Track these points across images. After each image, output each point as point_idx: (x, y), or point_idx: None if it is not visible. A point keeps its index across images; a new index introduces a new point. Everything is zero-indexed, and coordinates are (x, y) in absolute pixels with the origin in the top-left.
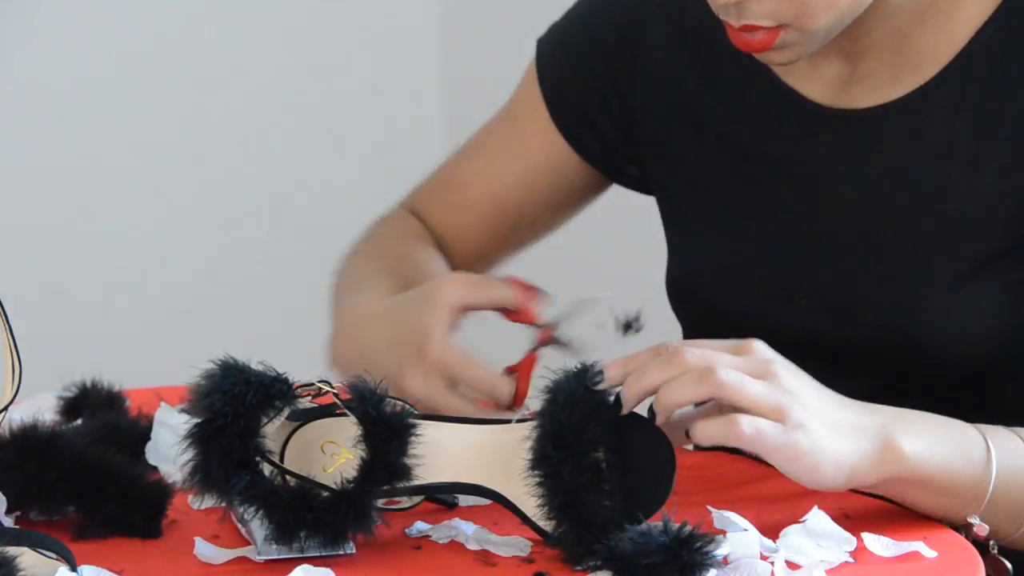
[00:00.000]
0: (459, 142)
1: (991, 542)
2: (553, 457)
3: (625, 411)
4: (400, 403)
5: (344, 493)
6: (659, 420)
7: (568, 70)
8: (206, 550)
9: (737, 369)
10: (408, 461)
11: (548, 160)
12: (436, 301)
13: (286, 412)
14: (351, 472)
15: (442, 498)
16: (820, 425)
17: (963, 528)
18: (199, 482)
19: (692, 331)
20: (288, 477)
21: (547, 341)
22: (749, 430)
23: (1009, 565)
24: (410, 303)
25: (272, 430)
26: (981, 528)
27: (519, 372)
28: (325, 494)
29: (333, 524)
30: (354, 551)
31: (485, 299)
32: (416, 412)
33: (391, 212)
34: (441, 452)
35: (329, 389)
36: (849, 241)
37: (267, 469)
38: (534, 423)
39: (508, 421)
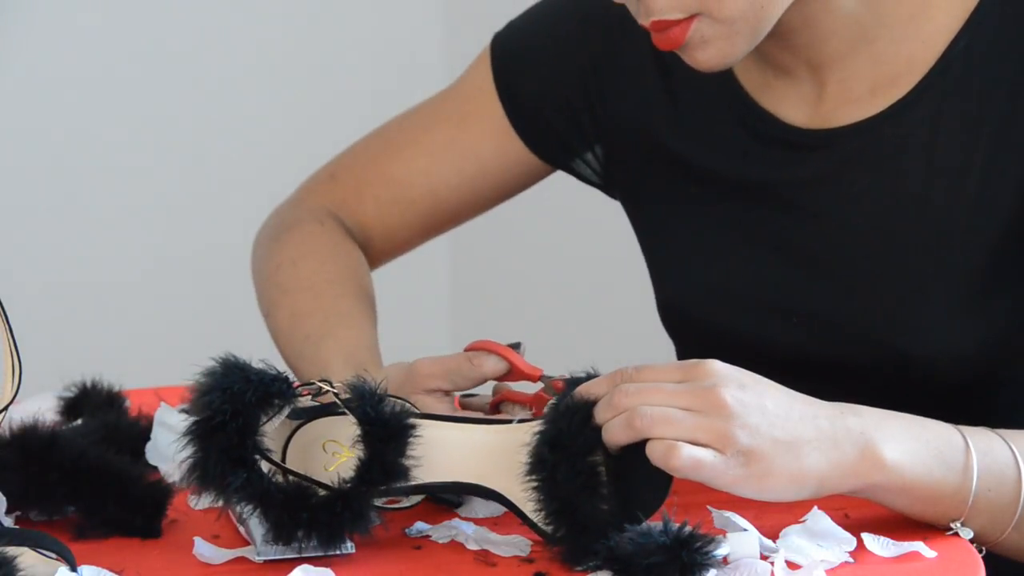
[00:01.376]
0: None
1: (975, 546)
2: (549, 460)
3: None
4: (401, 402)
5: (341, 492)
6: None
7: (533, 76)
8: (206, 550)
9: (676, 398)
10: (406, 462)
11: (501, 162)
12: (416, 390)
13: (286, 411)
14: (352, 471)
15: (447, 498)
16: (771, 445)
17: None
18: (197, 479)
19: (684, 351)
20: (287, 475)
21: (561, 389)
22: (687, 460)
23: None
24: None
25: (272, 429)
26: (964, 534)
27: (534, 407)
28: (323, 493)
29: (329, 524)
30: (353, 550)
31: (468, 383)
32: (417, 411)
33: (308, 214)
34: (442, 452)
35: (329, 388)
36: (837, 258)
37: (266, 467)
38: (535, 424)
39: (509, 421)
